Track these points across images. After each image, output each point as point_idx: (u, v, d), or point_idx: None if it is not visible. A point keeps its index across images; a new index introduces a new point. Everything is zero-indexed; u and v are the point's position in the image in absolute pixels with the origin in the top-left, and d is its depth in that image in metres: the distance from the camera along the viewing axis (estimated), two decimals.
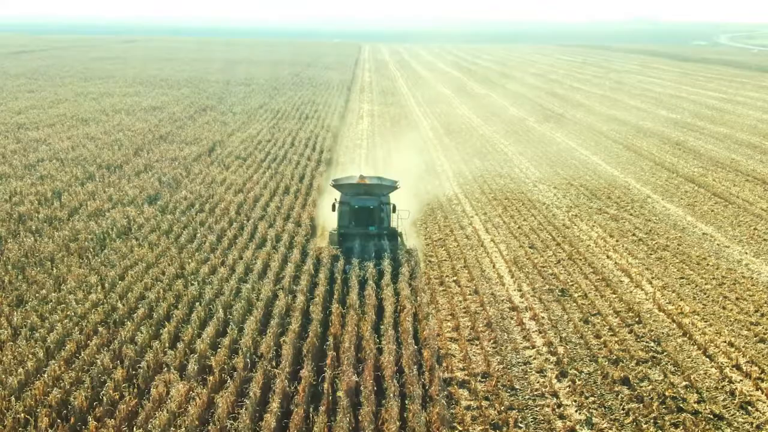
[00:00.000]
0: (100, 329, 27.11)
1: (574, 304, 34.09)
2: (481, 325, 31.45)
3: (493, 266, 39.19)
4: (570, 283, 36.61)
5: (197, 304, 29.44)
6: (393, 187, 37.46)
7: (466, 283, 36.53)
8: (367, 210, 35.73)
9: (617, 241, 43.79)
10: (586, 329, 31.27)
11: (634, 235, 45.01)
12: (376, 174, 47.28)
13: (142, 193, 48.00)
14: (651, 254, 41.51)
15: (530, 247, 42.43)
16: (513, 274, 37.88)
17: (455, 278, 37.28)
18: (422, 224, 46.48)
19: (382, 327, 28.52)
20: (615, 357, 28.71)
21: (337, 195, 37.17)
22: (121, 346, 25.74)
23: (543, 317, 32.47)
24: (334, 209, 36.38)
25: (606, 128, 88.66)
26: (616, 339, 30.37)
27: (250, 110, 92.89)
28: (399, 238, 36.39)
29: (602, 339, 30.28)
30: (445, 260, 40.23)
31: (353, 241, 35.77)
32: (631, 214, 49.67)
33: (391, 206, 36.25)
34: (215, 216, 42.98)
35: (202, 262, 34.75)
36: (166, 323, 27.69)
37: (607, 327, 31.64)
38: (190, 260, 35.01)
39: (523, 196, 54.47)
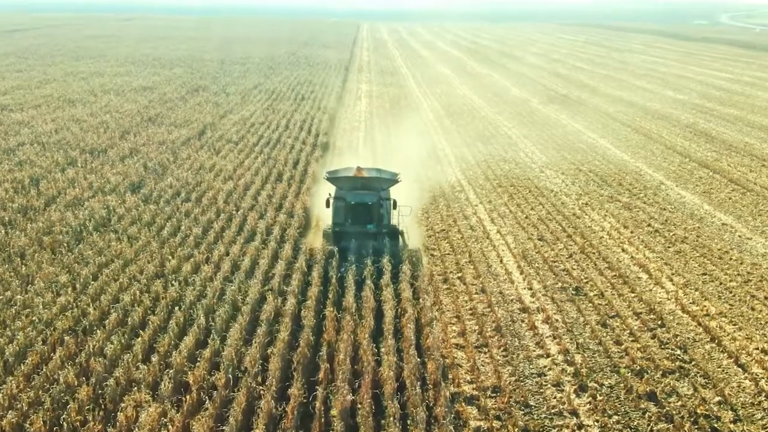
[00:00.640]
0: (67, 338, 24.29)
1: (590, 304, 31.32)
2: (489, 330, 28.69)
3: (501, 261, 36.38)
4: (584, 281, 33.83)
5: (176, 308, 26.60)
6: (393, 180, 33.85)
7: (472, 281, 33.73)
8: (364, 206, 32.29)
9: (632, 232, 40.97)
10: (604, 334, 28.50)
11: (649, 225, 42.19)
12: (374, 166, 44.11)
13: (125, 181, 45.07)
14: (669, 247, 38.71)
15: (539, 240, 39.62)
16: (522, 269, 35.08)
17: (460, 275, 34.47)
18: (424, 214, 43.63)
19: (381, 334, 25.68)
20: (638, 367, 25.96)
21: (331, 189, 33.73)
22: (89, 359, 22.91)
23: (557, 320, 29.70)
24: (328, 205, 32.87)
25: (612, 110, 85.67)
26: (638, 346, 27.61)
27: (245, 91, 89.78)
28: (400, 238, 33.18)
29: (623, 346, 27.51)
30: (448, 254, 37.41)
31: (349, 241, 32.52)
32: (644, 203, 46.82)
33: (392, 202, 32.78)
34: (202, 206, 40.09)
35: (185, 259, 31.89)
36: (141, 332, 24.85)
37: (628, 331, 28.88)
38: (171, 256, 32.18)
39: (530, 183, 51.58)
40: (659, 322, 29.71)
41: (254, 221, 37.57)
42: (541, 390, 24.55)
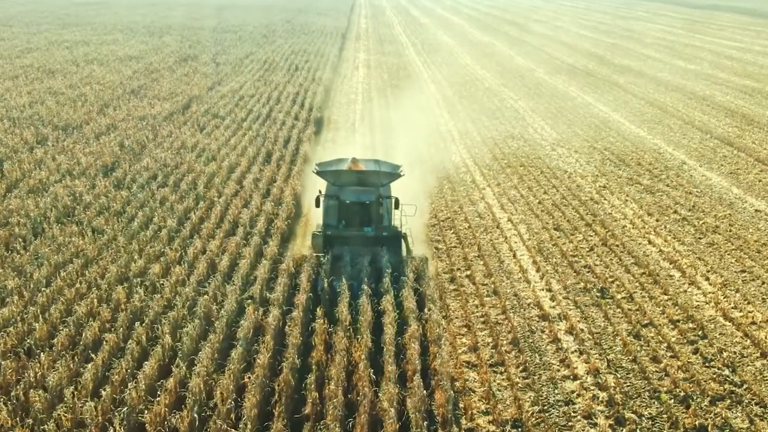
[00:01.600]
0: (4, 364, 20.23)
1: (618, 309, 27.37)
2: (505, 342, 24.76)
3: (514, 255, 32.37)
4: (609, 280, 29.88)
5: (138, 323, 22.50)
6: (395, 174, 28.60)
7: (482, 280, 29.76)
8: (361, 206, 27.10)
9: (657, 220, 36.95)
10: (638, 348, 24.56)
11: (675, 212, 38.16)
12: (372, 145, 40.08)
13: (97, 162, 40.87)
14: (700, 238, 34.73)
15: (555, 229, 35.61)
16: (538, 266, 31.09)
17: (468, 272, 30.50)
18: (426, 199, 39.50)
19: (380, 353, 21.66)
20: (682, 392, 22.02)
21: (322, 185, 28.86)
22: (27, 392, 18.90)
23: (582, 330, 25.76)
24: (318, 204, 27.55)
25: (623, 80, 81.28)
26: (679, 363, 23.68)
27: (235, 60, 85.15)
28: (403, 243, 28.49)
29: (662, 364, 23.59)
30: (455, 247, 33.42)
31: (343, 247, 27.20)
32: (668, 185, 42.74)
33: (393, 200, 27.45)
34: (179, 192, 35.95)
35: (154, 258, 27.81)
36: (93, 355, 20.79)
37: (665, 344, 24.96)
38: (139, 255, 28.06)
39: (541, 163, 47.43)
40: (700, 333, 25.81)
41: (237, 210, 33.49)
42: (570, 424, 20.65)
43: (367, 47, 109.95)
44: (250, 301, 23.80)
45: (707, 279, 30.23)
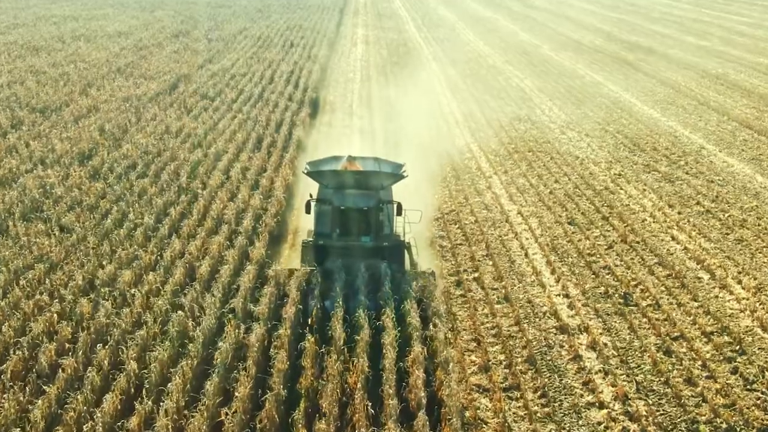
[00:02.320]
0: None
1: (644, 319, 24.53)
2: (519, 360, 21.94)
3: (525, 254, 29.49)
4: (632, 283, 27.03)
5: (101, 345, 19.59)
6: (397, 175, 24.87)
7: (492, 283, 26.91)
8: (358, 212, 23.48)
9: (679, 213, 34.05)
10: (669, 366, 21.75)
11: (698, 204, 35.26)
12: (370, 128, 36.87)
13: (73, 149, 37.85)
14: (727, 234, 31.87)
15: (569, 224, 32.71)
16: (553, 267, 28.22)
17: (476, 275, 27.62)
18: (429, 188, 36.55)
19: (379, 382, 18.78)
20: (723, 423, 19.20)
21: (313, 187, 25.02)
22: None
23: (605, 344, 22.94)
24: (308, 210, 24.06)
25: (632, 57, 78.00)
26: (717, 386, 20.89)
27: (228, 36, 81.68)
28: (407, 254, 25.07)
29: (698, 387, 20.73)
30: (460, 244, 30.55)
31: (337, 259, 23.63)
32: (687, 173, 39.79)
33: (395, 206, 23.70)
34: (160, 183, 32.95)
35: (127, 263, 24.86)
36: (47, 387, 17.91)
37: (699, 362, 22.15)
38: (110, 259, 25.13)
39: (550, 147, 44.44)
40: (737, 348, 23.00)
41: (222, 204, 30.52)
42: None
43: (365, 22, 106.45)
44: (231, 316, 20.85)
45: (739, 282, 27.38)
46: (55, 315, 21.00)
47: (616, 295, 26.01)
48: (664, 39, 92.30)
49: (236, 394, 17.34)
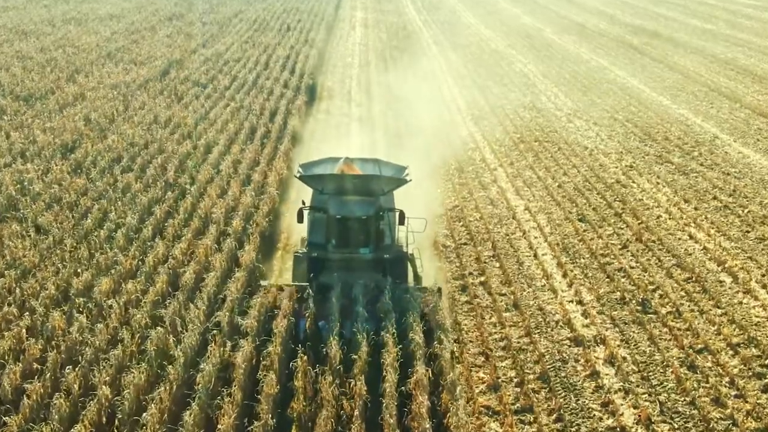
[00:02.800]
0: None
1: (664, 328, 22.74)
2: (531, 377, 20.16)
3: (534, 255, 27.64)
4: (649, 287, 25.18)
5: (71, 367, 17.70)
6: (400, 179, 22.15)
7: (500, 288, 25.08)
8: (356, 221, 20.92)
9: (696, 209, 32.19)
10: (694, 384, 19.96)
11: (715, 198, 33.40)
12: (369, 116, 34.76)
13: (56, 140, 35.89)
14: (747, 232, 30.05)
15: (580, 221, 30.85)
16: (564, 269, 26.38)
17: (483, 278, 25.79)
18: (431, 182, 34.66)
19: (378, 408, 16.94)
20: None
21: (306, 193, 22.76)
22: None
23: (624, 358, 21.16)
24: (301, 219, 21.55)
25: (637, 41, 75.75)
26: (748, 407, 19.08)
27: (223, 20, 79.43)
28: (411, 267, 22.35)
29: (727, 409, 18.95)
30: (465, 244, 28.70)
31: (332, 273, 20.99)
32: (702, 165, 37.87)
33: (397, 214, 21.28)
34: (146, 178, 31.01)
35: (105, 270, 22.94)
36: (7, 418, 16.05)
37: (727, 378, 20.32)
38: (87, 264, 23.23)
39: (558, 137, 42.49)
40: (767, 361, 21.09)
41: (211, 202, 28.59)
42: None
43: (364, 4, 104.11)
44: (216, 331, 18.97)
45: (764, 286, 25.59)
46: (24, 330, 19.09)
47: (634, 302, 24.19)
48: (668, 22, 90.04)
49: (219, 426, 15.47)
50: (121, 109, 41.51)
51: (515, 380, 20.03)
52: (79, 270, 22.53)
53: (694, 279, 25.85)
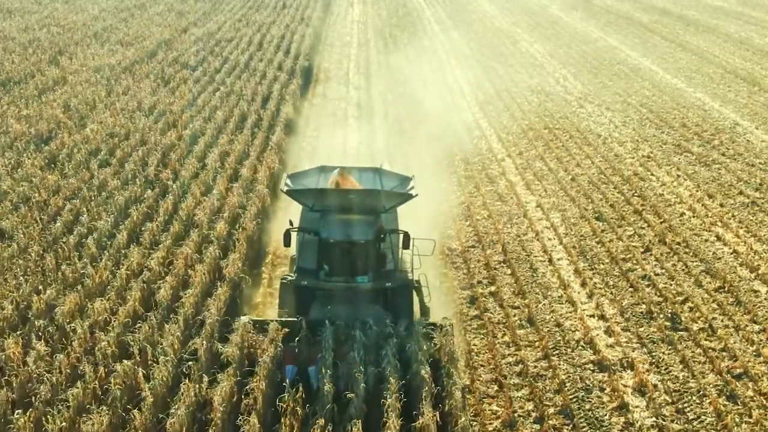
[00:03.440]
0: None
1: (698, 349, 20.36)
2: (552, 411, 17.73)
3: (549, 260, 25.19)
4: (677, 298, 22.71)
5: (20, 413, 15.22)
6: (404, 194, 18.97)
7: (512, 299, 22.65)
8: (353, 247, 17.78)
9: (721, 205, 29.71)
10: (736, 418, 17.55)
11: (741, 193, 30.95)
12: (369, 104, 32.00)
13: (31, 130, 33.31)
14: None
15: (597, 219, 28.35)
16: (583, 277, 23.94)
17: (493, 288, 23.33)
18: (434, 175, 32.17)
19: None
20: None
21: (295, 210, 19.68)
22: None
23: (655, 385, 18.72)
24: (288, 242, 18.36)
25: (646, 19, 72.98)
26: None
27: None
28: (418, 297, 18.88)
29: None
30: (472, 247, 26.25)
31: (325, 305, 17.87)
32: (723, 155, 35.36)
33: (401, 236, 18.20)
34: (124, 174, 28.46)
35: (71, 284, 20.44)
36: None
37: None
38: (52, 278, 20.73)
39: (568, 124, 39.93)
40: None
41: (195, 201, 26.07)
42: None
43: None
44: (192, 362, 16.52)
45: None
46: None
47: (662, 316, 21.76)
48: None
49: None
50: (103, 95, 38.85)
51: (534, 414, 17.62)
52: (41, 285, 19.97)
53: (725, 288, 23.45)
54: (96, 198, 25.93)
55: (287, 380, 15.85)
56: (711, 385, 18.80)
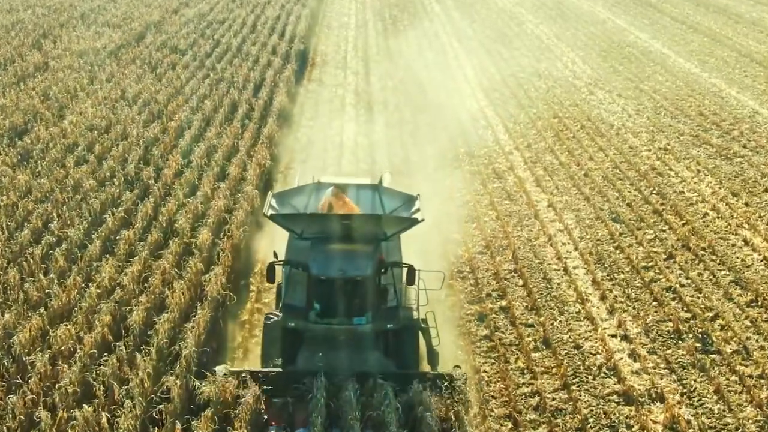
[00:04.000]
0: None
1: (733, 376, 18.22)
2: None
3: (564, 269, 23.07)
4: (708, 314, 20.57)
5: None
6: (409, 219, 15.95)
7: (525, 317, 20.57)
8: (349, 284, 14.98)
9: (747, 204, 27.59)
10: None
11: (767, 190, 28.68)
12: (367, 87, 29.79)
13: (5, 122, 31.07)
14: None
15: (614, 221, 26.18)
16: (602, 290, 21.86)
17: (503, 303, 21.21)
18: (435, 170, 30.07)
19: None
20: None
21: (280, 242, 16.61)
22: None
23: (689, 422, 16.62)
24: (271, 278, 15.76)
25: None
26: None
27: None
28: (424, 340, 16.08)
29: None
30: (480, 253, 24.13)
31: (316, 353, 14.99)
32: (745, 147, 33.17)
33: (405, 270, 15.29)
34: (101, 173, 26.23)
35: (33, 306, 18.25)
36: None
37: None
38: (13, 297, 18.56)
39: (579, 112, 37.67)
40: None
41: (177, 203, 23.88)
42: None
43: None
44: (162, 407, 14.40)
45: None
46: None
47: (691, 336, 19.64)
48: None
49: None
50: (85, 83, 36.51)
51: None
52: (1, 308, 17.83)
53: (758, 302, 21.34)
54: (69, 201, 23.68)
55: None
56: (750, 420, 16.76)
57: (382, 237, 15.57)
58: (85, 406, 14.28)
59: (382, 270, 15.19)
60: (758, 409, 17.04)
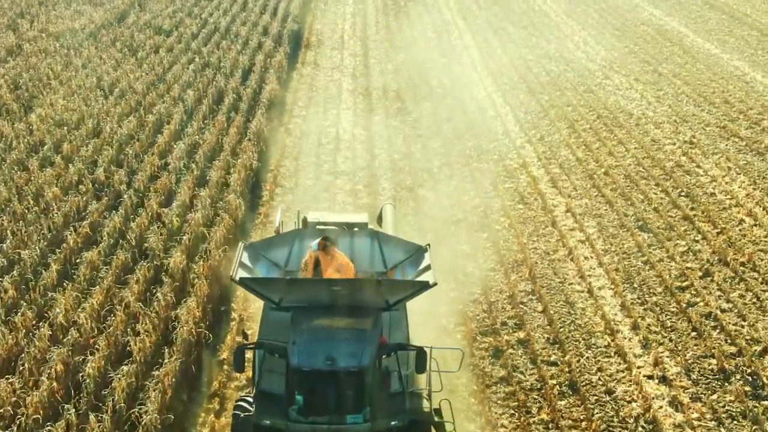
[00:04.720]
0: None
1: None
2: None
3: (589, 291, 20.38)
4: (755, 348, 17.93)
5: None
6: (418, 283, 12.61)
7: (547, 352, 17.95)
8: (338, 377, 11.53)
9: None
10: None
11: None
12: (366, 79, 27.01)
13: None
14: None
15: (641, 230, 23.39)
16: (632, 315, 19.16)
17: (521, 334, 18.50)
18: (440, 168, 27.34)
19: None
20: None
21: (253, 306, 14.64)
22: None
23: None
24: (240, 366, 12.30)
25: None
26: None
27: None
28: None
29: None
30: (492, 270, 21.40)
31: None
32: None
33: (414, 354, 12.00)
34: (67, 177, 23.41)
35: None
36: None
37: None
38: None
39: (594, 100, 34.83)
40: None
41: (151, 213, 21.08)
42: None
43: None
44: None
45: None
46: None
47: (738, 377, 16.94)
48: None
49: None
50: (59, 69, 33.57)
51: None
52: None
53: None
54: (27, 215, 20.85)
55: None
56: None
57: (383, 305, 12.38)
58: None
59: (383, 355, 12.03)
60: None
